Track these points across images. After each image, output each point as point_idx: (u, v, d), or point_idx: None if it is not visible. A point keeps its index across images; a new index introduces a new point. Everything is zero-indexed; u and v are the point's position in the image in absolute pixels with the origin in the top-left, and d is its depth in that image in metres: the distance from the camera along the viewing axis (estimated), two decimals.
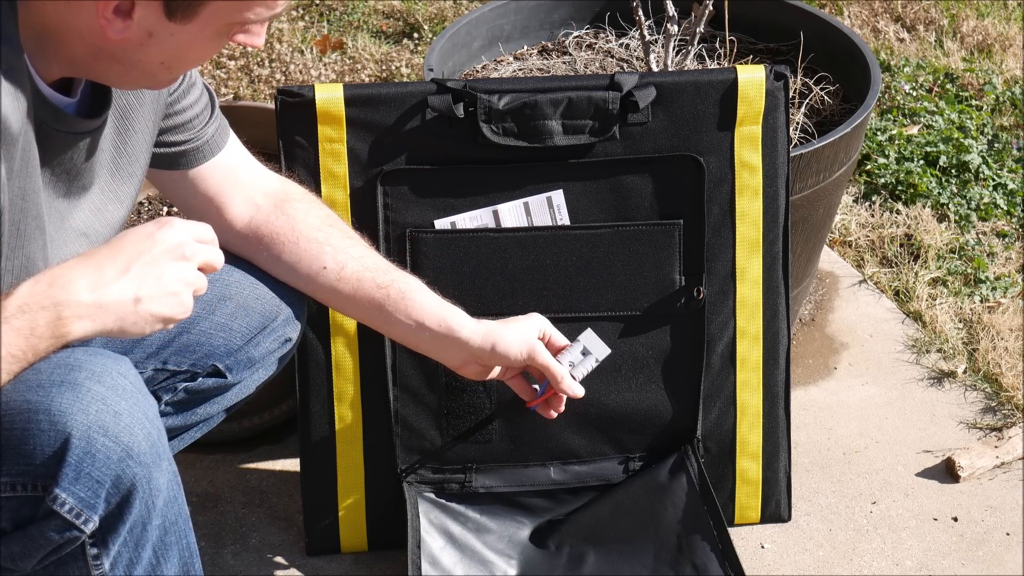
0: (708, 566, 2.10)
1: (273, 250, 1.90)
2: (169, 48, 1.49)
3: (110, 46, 1.47)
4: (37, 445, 1.44)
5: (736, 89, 2.12)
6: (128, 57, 1.49)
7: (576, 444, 2.22)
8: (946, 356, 2.64)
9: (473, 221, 2.12)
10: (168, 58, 1.51)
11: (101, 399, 1.45)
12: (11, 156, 1.43)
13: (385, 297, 1.90)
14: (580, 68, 2.61)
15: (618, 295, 2.18)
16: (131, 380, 1.50)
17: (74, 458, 1.44)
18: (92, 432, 1.44)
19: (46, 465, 1.44)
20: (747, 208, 2.16)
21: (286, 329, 1.93)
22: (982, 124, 3.24)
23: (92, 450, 1.44)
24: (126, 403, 1.47)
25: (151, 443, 1.49)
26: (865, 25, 3.63)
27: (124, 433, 1.46)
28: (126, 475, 1.47)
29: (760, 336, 2.21)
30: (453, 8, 3.67)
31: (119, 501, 1.49)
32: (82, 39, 1.47)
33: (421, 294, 1.92)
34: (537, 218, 2.15)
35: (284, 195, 1.93)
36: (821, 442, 2.46)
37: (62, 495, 1.45)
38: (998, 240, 2.93)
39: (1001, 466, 2.41)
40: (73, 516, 1.47)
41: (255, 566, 2.22)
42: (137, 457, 1.47)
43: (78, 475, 1.45)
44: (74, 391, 1.44)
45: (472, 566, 2.13)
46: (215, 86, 3.17)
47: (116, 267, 1.45)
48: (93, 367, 1.47)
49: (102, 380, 1.46)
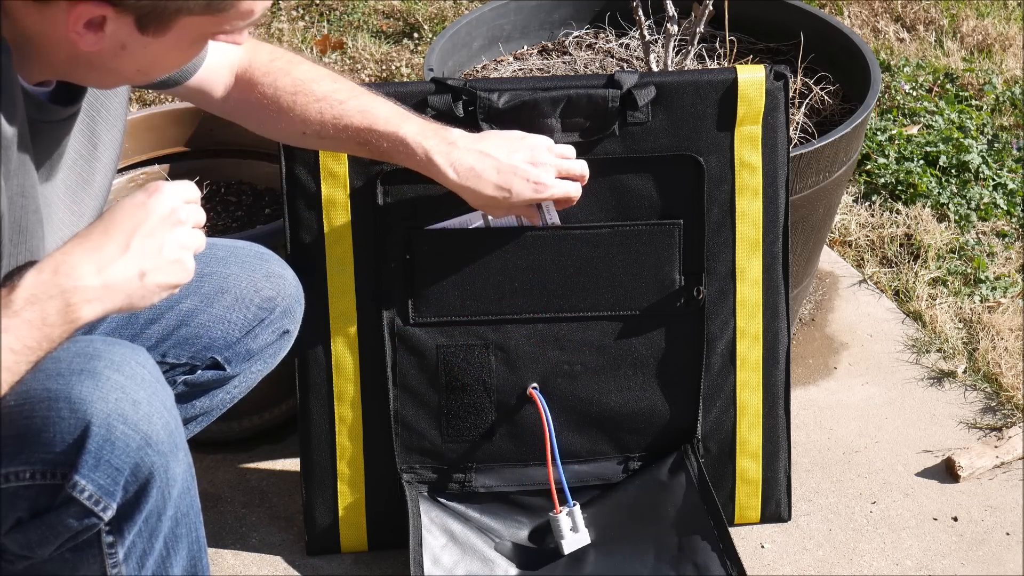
0: (709, 565, 2.10)
1: (254, 120, 1.94)
2: (143, 58, 1.48)
3: (85, 55, 1.47)
4: (57, 433, 1.45)
5: (736, 89, 2.12)
6: (104, 65, 1.49)
7: (576, 444, 2.22)
8: (946, 356, 2.64)
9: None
10: (144, 66, 1.50)
11: (120, 387, 1.47)
12: (8, 159, 1.44)
13: (370, 150, 1.94)
14: (580, 68, 2.61)
15: (618, 295, 2.18)
16: (149, 370, 1.51)
17: (94, 445, 1.45)
18: (112, 420, 1.46)
19: (66, 453, 1.45)
20: (747, 208, 2.16)
21: (284, 321, 1.94)
22: (982, 124, 3.24)
23: (112, 438, 1.46)
24: (145, 392, 1.49)
25: (169, 432, 1.51)
26: (865, 25, 3.63)
27: (143, 421, 1.48)
28: (144, 463, 1.49)
29: (760, 336, 2.21)
30: (453, 8, 3.67)
31: (137, 490, 1.50)
32: (59, 47, 1.47)
33: (401, 127, 1.92)
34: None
35: (245, 64, 1.92)
36: (821, 442, 2.46)
37: (82, 482, 1.46)
38: (998, 240, 2.93)
39: (1001, 466, 2.41)
40: (92, 503, 1.48)
41: (255, 566, 2.22)
42: (156, 446, 1.49)
43: (98, 462, 1.46)
44: (94, 379, 1.46)
45: (474, 564, 2.13)
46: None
47: (116, 245, 1.44)
48: (112, 356, 1.48)
49: (121, 369, 1.48)
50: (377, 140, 1.90)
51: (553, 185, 1.96)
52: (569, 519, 2.12)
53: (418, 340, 2.17)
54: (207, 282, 1.88)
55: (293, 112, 1.90)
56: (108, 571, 1.53)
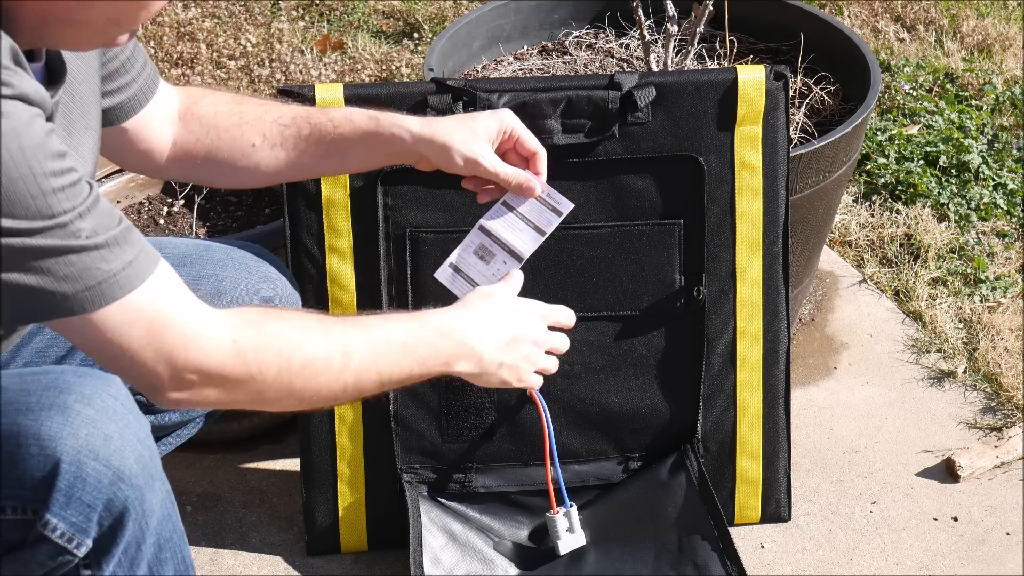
0: (709, 565, 2.10)
1: (203, 153, 1.87)
2: (114, 3, 1.45)
3: (55, 10, 1.44)
4: (27, 470, 1.43)
5: (736, 89, 2.12)
6: (74, 18, 1.45)
7: (576, 444, 2.22)
8: (946, 356, 2.64)
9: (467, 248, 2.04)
10: (115, 14, 1.46)
11: (91, 422, 1.44)
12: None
13: (318, 140, 1.86)
14: (580, 68, 2.61)
15: (618, 295, 2.18)
16: (121, 401, 1.48)
17: (64, 483, 1.43)
18: (82, 456, 1.43)
19: (36, 490, 1.43)
20: (747, 208, 2.16)
21: None
22: (982, 124, 3.24)
23: (83, 475, 1.43)
24: (116, 425, 1.46)
25: (143, 465, 1.48)
26: (865, 25, 3.63)
27: (115, 456, 1.45)
28: (118, 498, 1.46)
29: (760, 336, 2.21)
30: (453, 8, 3.67)
31: (112, 524, 1.48)
32: (27, 7, 1.43)
33: (349, 123, 1.86)
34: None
35: (188, 102, 1.89)
36: (821, 442, 2.46)
37: (53, 520, 1.44)
38: (998, 240, 2.93)
39: (1001, 466, 2.41)
40: (65, 541, 1.46)
41: (255, 566, 2.22)
42: (129, 480, 1.46)
43: (68, 500, 1.44)
44: (64, 414, 1.43)
45: (474, 565, 2.13)
46: (216, 86, 3.17)
47: (502, 335, 1.73)
48: (83, 389, 1.45)
49: (92, 403, 1.45)
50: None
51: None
52: (566, 520, 2.12)
53: None
54: (204, 285, 1.87)
55: (242, 124, 1.88)
56: None
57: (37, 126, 1.36)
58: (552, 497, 2.10)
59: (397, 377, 1.64)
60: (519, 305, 1.77)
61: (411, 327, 1.66)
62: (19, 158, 1.34)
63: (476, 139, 1.83)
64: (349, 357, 1.58)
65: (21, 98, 1.36)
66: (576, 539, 2.12)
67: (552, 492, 2.09)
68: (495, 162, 1.85)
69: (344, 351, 1.57)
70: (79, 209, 1.39)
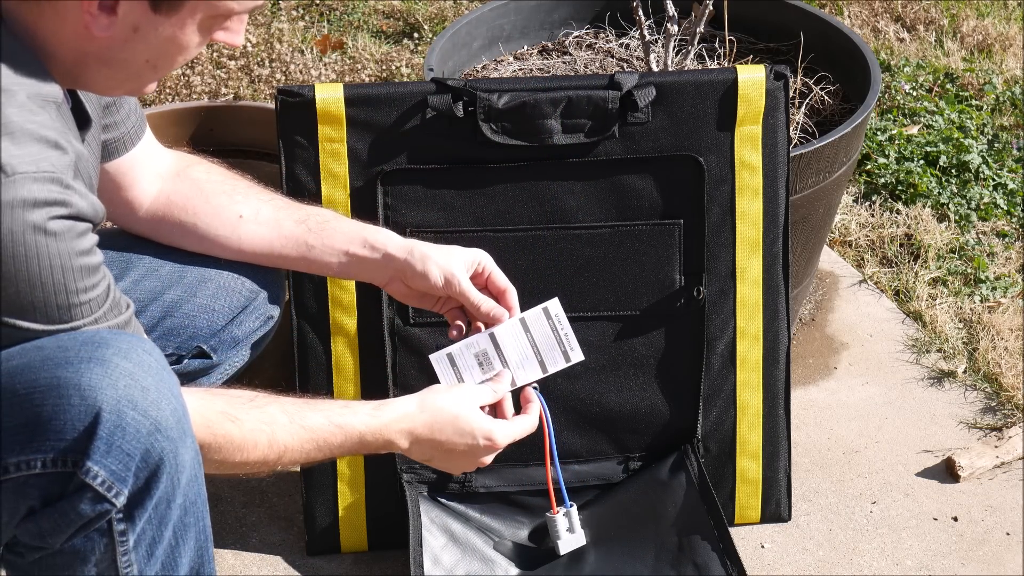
0: (710, 565, 2.10)
1: (188, 214, 1.92)
2: (154, 44, 1.52)
3: (96, 47, 1.51)
4: (68, 420, 1.45)
5: (736, 89, 2.12)
6: (114, 57, 1.52)
7: (576, 444, 2.22)
8: (946, 356, 2.64)
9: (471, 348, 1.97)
10: (154, 55, 1.54)
11: (129, 374, 1.47)
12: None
13: (306, 231, 1.93)
14: (580, 68, 2.61)
15: (618, 295, 2.18)
16: (155, 357, 1.52)
17: (105, 431, 1.46)
18: (122, 406, 1.46)
19: (77, 440, 1.46)
20: (747, 208, 2.16)
21: (268, 307, 1.97)
22: (982, 124, 3.24)
23: (123, 423, 1.47)
24: (152, 379, 1.50)
25: (177, 418, 1.52)
26: (865, 25, 3.63)
27: (152, 407, 1.49)
28: (155, 449, 1.49)
29: (760, 336, 2.21)
30: (453, 8, 3.67)
31: (147, 476, 1.51)
32: (68, 45, 1.50)
33: (338, 220, 1.95)
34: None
35: (182, 164, 1.95)
36: (821, 442, 2.46)
37: (94, 468, 1.47)
38: (998, 240, 2.93)
39: (1001, 466, 2.41)
40: (105, 489, 1.48)
41: (255, 566, 2.22)
42: (165, 431, 1.50)
43: (109, 448, 1.47)
44: (103, 366, 1.47)
45: (474, 564, 2.13)
46: (215, 86, 3.17)
47: (434, 451, 1.82)
48: (120, 344, 1.49)
49: (129, 356, 1.49)
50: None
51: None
52: (566, 520, 2.12)
53: (418, 340, 2.17)
54: (190, 272, 1.90)
55: (233, 193, 1.94)
56: (119, 559, 1.54)
57: (83, 244, 1.48)
58: (552, 497, 2.10)
59: (322, 459, 1.79)
60: (469, 431, 1.83)
61: (351, 436, 1.77)
62: (59, 277, 1.46)
63: (454, 259, 1.91)
64: (281, 457, 1.72)
65: (76, 217, 1.46)
66: (576, 539, 2.12)
67: (552, 492, 2.09)
68: (469, 286, 1.91)
69: (279, 454, 1.71)
70: (96, 315, 1.52)
